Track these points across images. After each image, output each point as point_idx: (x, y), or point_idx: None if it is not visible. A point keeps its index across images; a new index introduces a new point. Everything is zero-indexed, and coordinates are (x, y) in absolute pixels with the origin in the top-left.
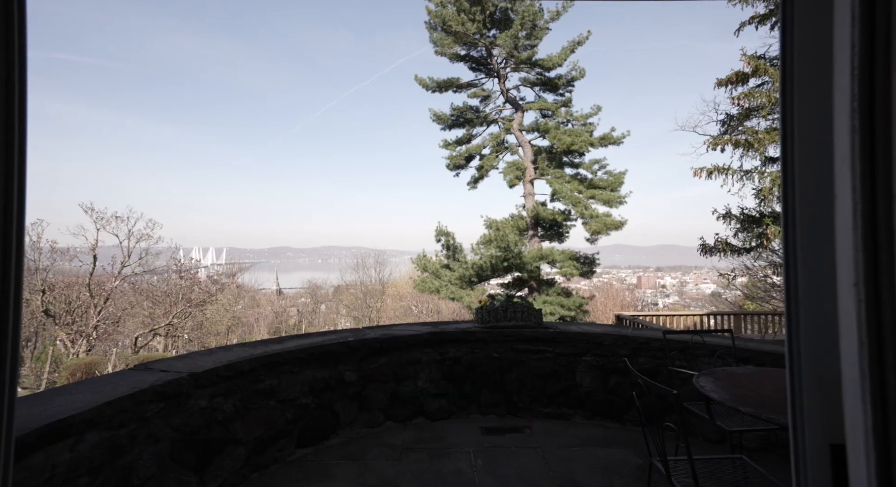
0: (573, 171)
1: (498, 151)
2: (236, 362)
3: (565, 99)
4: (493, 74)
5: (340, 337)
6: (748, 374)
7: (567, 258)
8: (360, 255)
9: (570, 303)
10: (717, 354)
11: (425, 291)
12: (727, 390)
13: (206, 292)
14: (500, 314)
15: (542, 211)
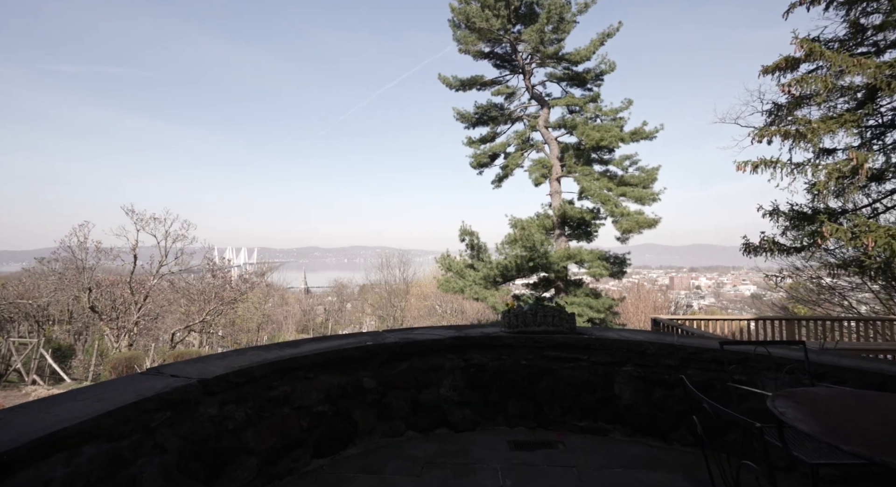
0: (602, 168)
1: (523, 148)
2: (248, 367)
3: (594, 94)
4: (517, 71)
5: (358, 341)
6: (835, 397)
7: (596, 258)
8: (385, 255)
9: (600, 304)
10: (787, 369)
11: (449, 291)
12: (815, 419)
13: (237, 290)
14: (529, 319)
15: (570, 210)
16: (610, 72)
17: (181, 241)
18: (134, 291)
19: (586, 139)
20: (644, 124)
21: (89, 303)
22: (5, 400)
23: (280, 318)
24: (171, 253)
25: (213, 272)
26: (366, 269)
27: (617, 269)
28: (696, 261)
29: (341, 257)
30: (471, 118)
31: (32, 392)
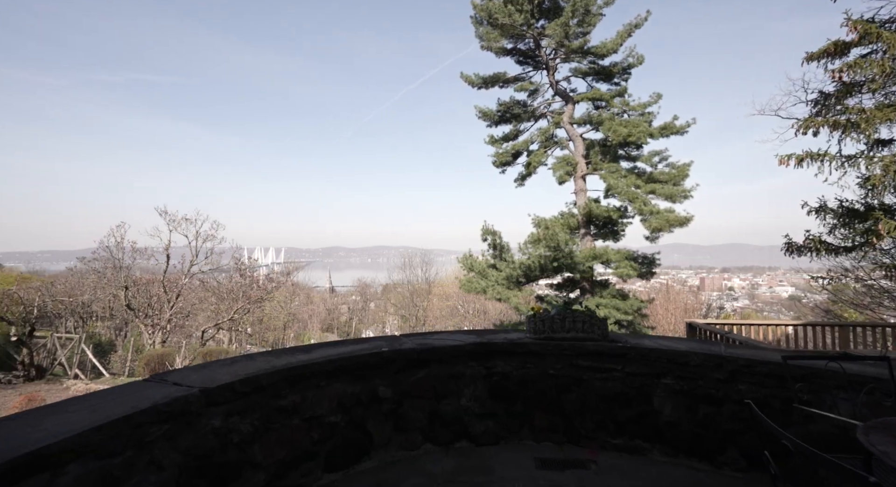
0: (630, 164)
1: (547, 146)
2: (254, 376)
3: (621, 88)
4: (541, 67)
5: (373, 347)
6: None
7: (623, 258)
8: (408, 254)
9: (627, 306)
10: (867, 389)
11: (471, 291)
12: None
13: (264, 290)
14: (557, 325)
15: (596, 208)
16: (638, 65)
17: (211, 241)
18: (167, 289)
19: (613, 135)
20: (674, 119)
21: (126, 301)
22: (48, 394)
23: (305, 317)
24: (202, 253)
25: (240, 272)
26: (388, 269)
27: (646, 269)
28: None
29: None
30: (493, 116)
31: (72, 386)
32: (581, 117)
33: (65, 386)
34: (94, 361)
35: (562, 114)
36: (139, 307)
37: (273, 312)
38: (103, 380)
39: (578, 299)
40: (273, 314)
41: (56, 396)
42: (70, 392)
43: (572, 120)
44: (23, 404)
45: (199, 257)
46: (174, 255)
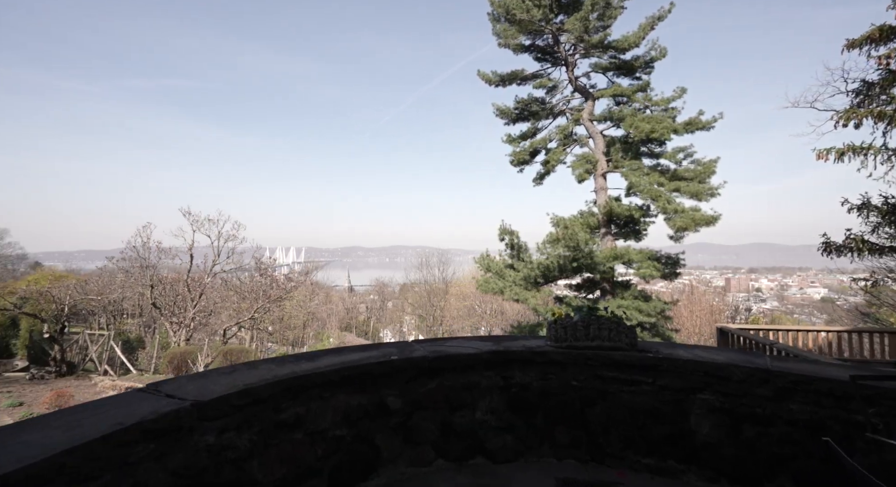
0: (653, 161)
1: (566, 143)
2: (253, 387)
3: (643, 83)
4: (559, 63)
5: (382, 354)
6: None
7: (646, 258)
8: (425, 254)
9: (650, 308)
10: None
11: (488, 291)
12: None
13: (283, 289)
14: (580, 332)
15: (617, 207)
16: (661, 58)
17: (232, 241)
18: (190, 288)
19: (635, 132)
20: (700, 114)
21: (152, 299)
22: (76, 390)
23: (324, 316)
24: (224, 252)
25: (260, 271)
26: (406, 268)
27: (669, 270)
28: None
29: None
30: (511, 114)
31: (100, 383)
32: (601, 114)
33: (93, 382)
34: (122, 358)
35: (581, 110)
36: (164, 306)
37: (293, 311)
38: (130, 377)
39: (603, 305)
40: (293, 313)
41: (84, 392)
42: (97, 388)
43: (592, 117)
44: (52, 399)
45: (221, 257)
46: (197, 254)
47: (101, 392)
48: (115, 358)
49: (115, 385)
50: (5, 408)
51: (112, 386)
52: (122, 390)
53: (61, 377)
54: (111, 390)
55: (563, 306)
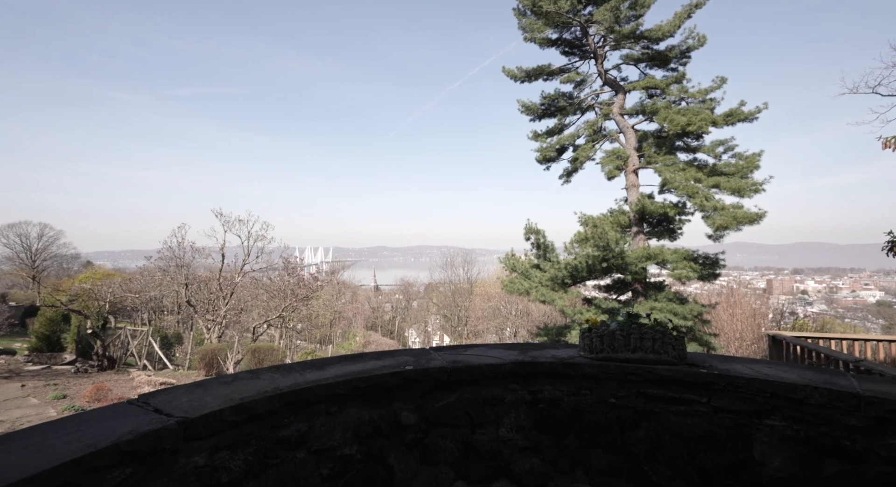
0: (689, 156)
1: (594, 139)
2: (250, 401)
3: (678, 74)
4: (588, 56)
5: (397, 363)
6: None
7: (681, 259)
8: (449, 254)
9: (686, 311)
10: None
11: (514, 292)
12: None
13: (309, 288)
14: (619, 342)
15: (650, 204)
16: (698, 47)
17: (261, 241)
18: (222, 287)
19: (670, 125)
20: (741, 104)
21: (186, 297)
22: (115, 384)
23: (350, 315)
24: (253, 252)
25: (288, 271)
26: (430, 268)
27: (708, 271)
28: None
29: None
30: (537, 110)
31: (136, 377)
32: (633, 108)
33: (131, 377)
34: (160, 353)
35: (611, 105)
36: (198, 303)
37: (318, 310)
38: (165, 372)
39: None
40: (319, 312)
41: (122, 386)
42: (134, 383)
43: (623, 111)
44: (92, 393)
45: (251, 256)
46: (228, 254)
47: (137, 386)
48: (154, 354)
49: (150, 381)
50: (50, 400)
51: (147, 381)
52: (157, 385)
53: (103, 371)
54: (146, 385)
55: (592, 308)
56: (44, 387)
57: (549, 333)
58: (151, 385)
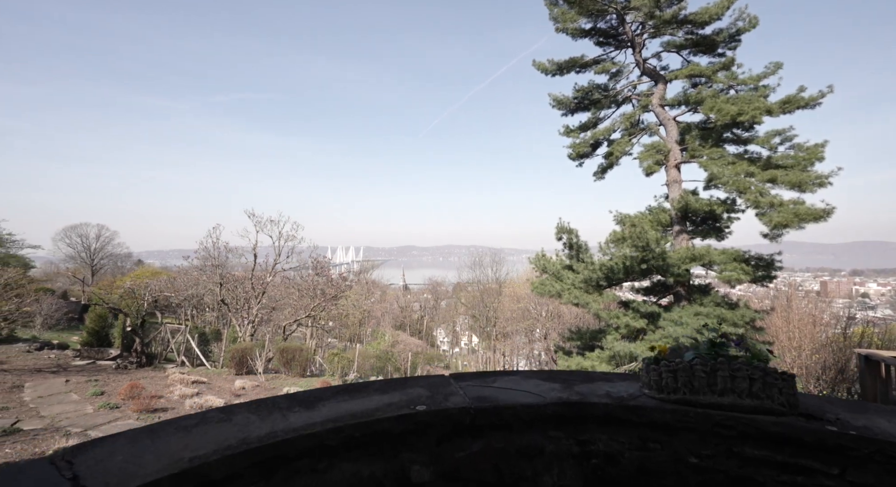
0: (738, 148)
1: (632, 133)
2: (201, 464)
3: (726, 60)
4: (624, 45)
5: (406, 399)
6: None
7: (730, 260)
8: (478, 253)
9: (736, 317)
10: None
11: (544, 294)
12: None
13: (338, 288)
14: (701, 380)
15: (694, 201)
16: (749, 30)
17: (292, 241)
18: (254, 286)
19: (718, 115)
20: (800, 90)
21: (220, 296)
22: (150, 381)
23: (379, 314)
24: (284, 252)
25: (317, 271)
26: (458, 267)
27: (762, 273)
28: (857, 262)
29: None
30: (569, 104)
31: (171, 375)
32: (674, 98)
33: (166, 374)
34: (196, 350)
35: (650, 95)
36: (232, 302)
37: (346, 310)
38: (200, 370)
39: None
40: (347, 311)
41: (157, 383)
42: (168, 381)
43: (663, 101)
44: (127, 391)
45: (282, 256)
46: (260, 254)
47: (171, 385)
48: (192, 350)
49: (183, 379)
50: (89, 397)
51: (180, 379)
52: (189, 384)
53: (141, 368)
54: (179, 383)
55: (630, 312)
56: (85, 383)
57: (582, 337)
58: (184, 384)
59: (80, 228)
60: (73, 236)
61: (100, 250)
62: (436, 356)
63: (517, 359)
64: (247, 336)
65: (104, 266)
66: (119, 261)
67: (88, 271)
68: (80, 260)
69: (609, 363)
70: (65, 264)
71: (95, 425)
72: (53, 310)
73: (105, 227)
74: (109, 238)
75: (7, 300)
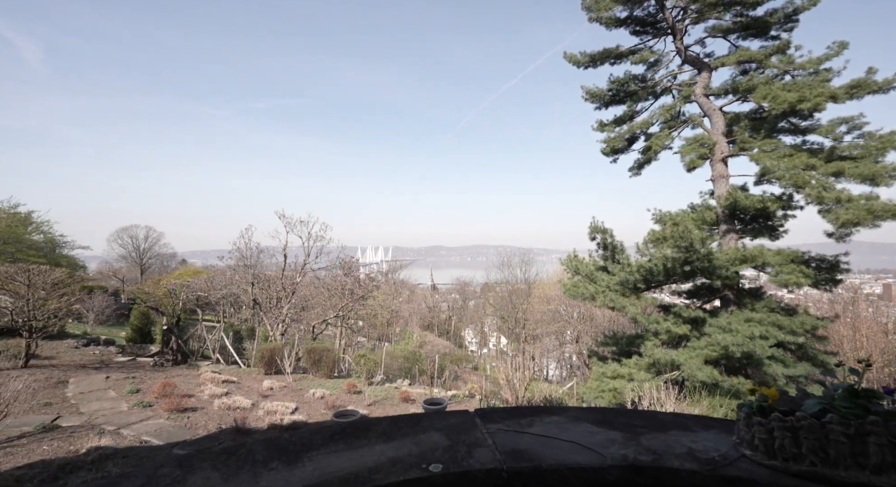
0: (796, 139)
1: (672, 125)
2: None
3: (780, 43)
4: (664, 33)
5: (416, 451)
6: None
7: (787, 261)
8: (506, 253)
9: (795, 325)
10: None
11: (577, 297)
12: None
13: (365, 288)
14: (840, 446)
15: (743, 198)
16: (808, 8)
17: (320, 241)
18: (284, 286)
19: (773, 103)
20: (870, 73)
21: (252, 296)
22: (184, 379)
23: (407, 315)
24: (313, 252)
25: (345, 271)
26: (486, 268)
27: (825, 276)
28: None
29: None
30: (603, 96)
31: (203, 374)
32: (721, 87)
33: (199, 372)
34: (230, 348)
35: (693, 85)
36: (264, 301)
37: (374, 310)
38: (231, 369)
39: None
40: (375, 311)
41: (188, 382)
42: (199, 379)
43: (708, 91)
44: (160, 389)
45: (311, 256)
46: (291, 254)
47: (202, 383)
48: (227, 348)
49: (214, 378)
50: (125, 394)
51: (211, 379)
52: (220, 383)
53: (177, 365)
54: (210, 382)
55: (671, 317)
56: (124, 380)
57: (617, 342)
58: (215, 383)
59: (131, 229)
60: (125, 236)
61: (148, 250)
62: (464, 356)
63: (547, 361)
64: (277, 335)
65: (152, 265)
66: (165, 260)
67: (138, 269)
68: (131, 260)
69: (648, 370)
70: (118, 263)
71: (128, 423)
72: (104, 307)
73: (152, 228)
74: (156, 239)
75: (55, 299)
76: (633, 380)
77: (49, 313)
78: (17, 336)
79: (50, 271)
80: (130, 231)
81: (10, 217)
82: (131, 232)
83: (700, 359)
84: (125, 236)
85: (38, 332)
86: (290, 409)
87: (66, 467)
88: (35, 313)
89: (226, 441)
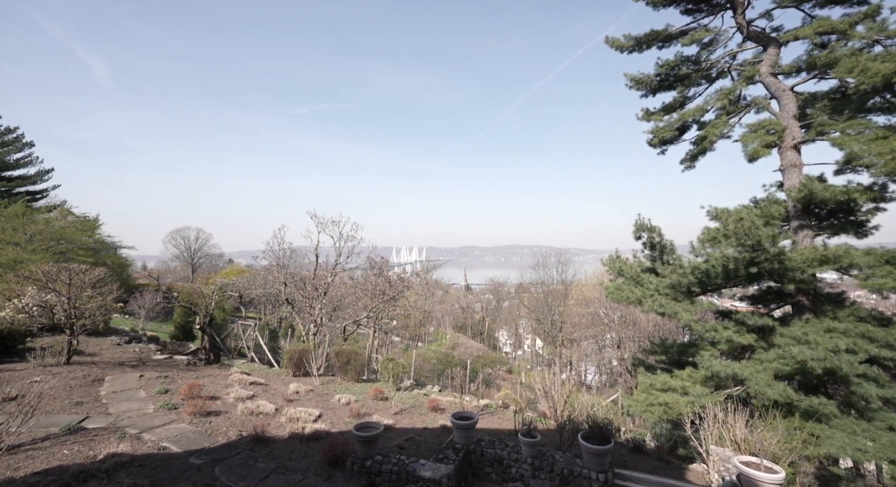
0: (891, 119)
1: (730, 111)
2: None
3: (868, 8)
4: (721, 8)
5: None
6: None
7: (881, 262)
8: (541, 254)
9: (892, 338)
10: None
11: (622, 301)
12: None
13: (396, 289)
14: None
15: (821, 189)
16: None
17: (352, 241)
18: (316, 286)
19: (862, 77)
20: None
21: (285, 296)
22: (213, 380)
23: (439, 315)
24: (344, 252)
25: (375, 271)
26: (521, 268)
27: None
28: None
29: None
30: (650, 83)
31: (231, 375)
32: (791, 65)
33: (229, 373)
34: (264, 347)
35: (757, 64)
36: (295, 301)
37: (406, 311)
38: (262, 370)
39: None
40: (407, 312)
41: (217, 383)
42: (229, 380)
43: (776, 70)
44: (186, 391)
45: (343, 256)
46: (322, 254)
47: (230, 385)
48: (261, 346)
49: (242, 380)
50: (154, 395)
51: (239, 380)
52: (247, 385)
53: (209, 364)
54: (237, 384)
55: (732, 325)
56: (156, 379)
57: (667, 350)
58: (242, 385)
59: (183, 231)
60: (178, 237)
61: (198, 250)
62: (498, 358)
63: (586, 366)
64: (310, 335)
65: (202, 264)
66: (213, 260)
67: (189, 268)
68: (184, 259)
69: (705, 384)
70: (172, 263)
71: (151, 426)
72: (154, 304)
73: (202, 230)
74: (206, 240)
75: (96, 297)
76: (687, 394)
77: (90, 311)
78: (63, 333)
79: (90, 270)
80: (182, 233)
81: (82, 222)
82: (183, 233)
83: (769, 374)
84: (178, 237)
85: (81, 329)
86: (313, 416)
87: (81, 475)
88: (75, 311)
89: (243, 451)
